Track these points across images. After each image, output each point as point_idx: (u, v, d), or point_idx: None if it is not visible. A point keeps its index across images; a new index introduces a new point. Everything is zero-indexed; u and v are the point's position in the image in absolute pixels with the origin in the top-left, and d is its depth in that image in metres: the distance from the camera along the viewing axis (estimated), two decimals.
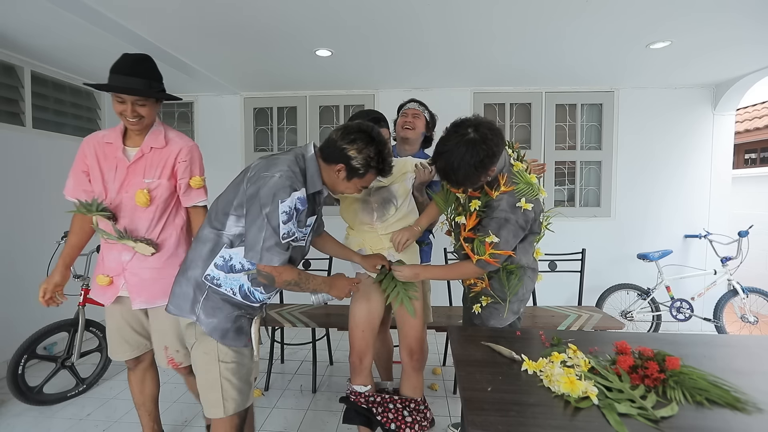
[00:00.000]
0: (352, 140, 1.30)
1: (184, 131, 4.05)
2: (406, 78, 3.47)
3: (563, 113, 3.81)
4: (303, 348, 3.12)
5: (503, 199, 1.43)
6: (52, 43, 2.67)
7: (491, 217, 1.43)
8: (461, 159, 1.31)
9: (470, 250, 1.47)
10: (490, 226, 1.42)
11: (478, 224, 1.48)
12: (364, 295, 1.68)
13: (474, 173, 1.33)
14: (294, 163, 1.27)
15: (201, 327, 1.30)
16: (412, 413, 1.67)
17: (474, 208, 1.48)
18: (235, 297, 1.31)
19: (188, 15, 2.29)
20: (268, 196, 1.20)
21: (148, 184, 1.55)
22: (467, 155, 1.30)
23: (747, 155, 7.53)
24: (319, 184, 1.34)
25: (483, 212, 1.47)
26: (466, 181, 1.37)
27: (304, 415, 2.29)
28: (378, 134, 1.35)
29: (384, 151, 1.34)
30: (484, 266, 1.45)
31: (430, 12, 2.26)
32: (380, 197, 1.69)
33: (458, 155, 1.32)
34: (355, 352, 1.69)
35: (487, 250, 1.41)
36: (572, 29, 2.48)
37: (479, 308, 1.60)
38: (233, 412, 1.33)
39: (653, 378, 0.97)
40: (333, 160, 1.32)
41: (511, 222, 1.41)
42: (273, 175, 1.21)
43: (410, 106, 2.06)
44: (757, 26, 2.40)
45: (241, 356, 1.34)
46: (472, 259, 1.45)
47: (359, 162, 1.31)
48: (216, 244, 1.30)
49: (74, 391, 2.46)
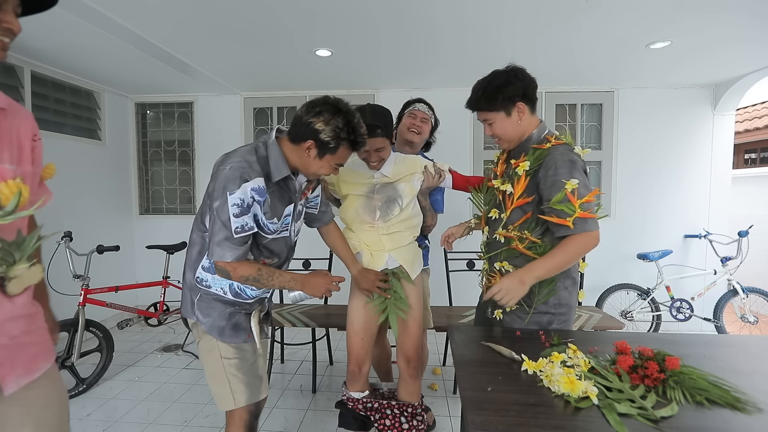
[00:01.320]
0: (318, 113, 1.23)
1: (184, 131, 4.09)
2: (406, 78, 3.47)
3: (563, 113, 3.81)
4: (303, 348, 3.12)
5: (557, 149, 1.28)
6: (52, 43, 2.67)
7: (554, 166, 1.25)
8: (486, 79, 1.35)
9: (553, 217, 1.25)
10: (559, 175, 1.23)
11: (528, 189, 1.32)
12: (361, 300, 1.64)
13: (490, 91, 1.33)
14: (250, 152, 1.23)
15: (201, 326, 1.32)
16: (410, 419, 1.64)
17: (523, 170, 1.32)
18: (226, 296, 1.31)
19: (188, 15, 2.29)
20: (218, 190, 1.17)
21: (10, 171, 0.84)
22: (491, 76, 1.35)
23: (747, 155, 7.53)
24: (285, 169, 1.26)
25: (534, 173, 1.30)
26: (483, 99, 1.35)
27: (304, 415, 2.29)
28: (346, 105, 1.28)
29: (353, 121, 1.27)
30: (584, 226, 1.23)
31: (430, 12, 2.26)
32: (385, 195, 1.62)
33: (486, 78, 1.37)
34: (354, 359, 1.65)
35: (573, 202, 1.21)
36: (572, 29, 2.48)
37: (501, 314, 1.42)
38: (244, 403, 1.33)
39: (653, 378, 0.97)
40: (301, 137, 1.25)
41: (578, 163, 1.26)
42: (224, 168, 1.18)
43: (419, 107, 1.95)
44: (757, 26, 2.40)
45: (243, 352, 1.33)
46: (565, 224, 1.23)
47: (328, 134, 1.23)
48: (202, 246, 1.29)
49: (74, 391, 2.46)
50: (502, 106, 1.34)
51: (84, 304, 2.48)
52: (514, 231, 1.34)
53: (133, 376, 2.76)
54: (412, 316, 1.64)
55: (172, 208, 4.16)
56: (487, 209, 1.53)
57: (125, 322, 3.13)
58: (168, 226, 4.04)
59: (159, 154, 4.16)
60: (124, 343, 3.32)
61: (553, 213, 1.25)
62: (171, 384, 2.65)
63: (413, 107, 1.96)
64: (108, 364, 2.66)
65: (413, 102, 1.99)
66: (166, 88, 3.79)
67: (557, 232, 1.27)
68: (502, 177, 1.45)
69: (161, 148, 4.15)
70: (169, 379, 2.71)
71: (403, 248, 1.64)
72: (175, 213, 4.14)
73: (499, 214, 1.42)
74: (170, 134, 4.13)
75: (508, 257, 1.39)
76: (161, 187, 4.17)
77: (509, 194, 1.37)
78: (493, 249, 1.44)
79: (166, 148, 4.15)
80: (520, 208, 1.34)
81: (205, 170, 4.05)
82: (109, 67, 3.15)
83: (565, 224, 1.23)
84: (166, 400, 2.45)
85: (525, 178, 1.32)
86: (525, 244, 1.33)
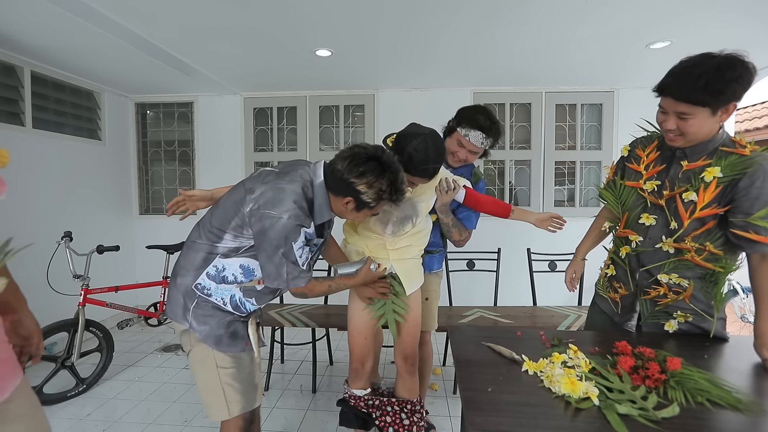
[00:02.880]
0: (361, 173, 1.20)
1: (184, 131, 4.09)
2: (406, 78, 3.47)
3: (563, 113, 3.81)
4: (303, 348, 3.12)
5: (762, 155, 1.13)
6: (52, 43, 2.67)
7: (763, 178, 1.10)
8: (710, 67, 1.07)
9: (751, 233, 1.11)
10: (767, 188, 1.10)
11: (719, 200, 1.16)
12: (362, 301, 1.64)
13: (719, 86, 1.06)
14: (301, 198, 1.20)
15: (195, 334, 1.27)
16: (410, 415, 1.66)
17: (713, 176, 1.16)
18: (225, 307, 1.29)
19: (188, 15, 2.29)
20: (280, 239, 1.17)
21: None
22: (720, 67, 1.07)
23: None
24: (327, 214, 1.29)
25: (731, 182, 1.15)
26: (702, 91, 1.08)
27: (304, 415, 2.29)
28: (389, 160, 1.24)
29: (397, 181, 1.25)
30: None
31: (430, 12, 2.26)
32: (403, 213, 1.58)
33: (708, 65, 1.08)
34: (357, 357, 1.66)
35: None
36: (572, 29, 2.48)
37: (673, 326, 1.29)
38: (239, 413, 1.30)
39: (654, 379, 0.97)
40: (341, 192, 1.24)
41: None
42: (281, 217, 1.16)
43: (473, 140, 1.67)
44: (757, 26, 2.40)
45: (240, 360, 1.30)
46: (764, 241, 1.10)
47: (370, 197, 1.22)
48: (210, 252, 1.26)
49: (74, 391, 2.46)
50: (717, 102, 1.10)
51: (84, 304, 2.47)
52: (691, 242, 1.21)
53: (133, 376, 2.76)
54: (411, 314, 1.64)
55: None
56: (635, 213, 1.34)
57: (125, 322, 3.13)
58: (168, 226, 4.03)
59: (159, 154, 4.15)
60: (124, 343, 3.32)
61: (750, 228, 1.12)
62: (171, 384, 2.65)
63: (466, 135, 1.67)
64: (108, 364, 2.66)
65: (470, 125, 1.67)
66: (166, 88, 3.79)
67: (749, 248, 1.16)
68: (658, 177, 1.28)
69: (161, 148, 4.15)
70: (169, 379, 2.71)
71: (405, 261, 1.62)
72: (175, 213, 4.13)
73: (656, 220, 1.28)
74: (170, 134, 4.13)
75: (676, 268, 1.26)
76: (161, 187, 4.17)
77: (688, 202, 1.20)
78: (655, 259, 1.29)
79: (166, 148, 4.14)
80: (698, 218, 1.20)
81: (205, 170, 4.05)
82: (109, 67, 3.15)
83: (764, 242, 1.11)
84: (166, 400, 2.44)
85: (716, 186, 1.16)
86: (703, 255, 1.21)
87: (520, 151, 3.83)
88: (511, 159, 3.84)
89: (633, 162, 1.39)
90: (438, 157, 1.43)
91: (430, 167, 1.42)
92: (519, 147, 3.84)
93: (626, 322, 1.43)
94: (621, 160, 1.47)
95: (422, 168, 1.41)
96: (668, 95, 1.15)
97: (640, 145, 1.39)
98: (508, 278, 3.10)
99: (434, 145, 1.41)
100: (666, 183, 1.26)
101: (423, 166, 1.40)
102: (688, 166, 1.21)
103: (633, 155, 1.40)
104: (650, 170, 1.31)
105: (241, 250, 1.25)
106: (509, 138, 3.83)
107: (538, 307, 2.72)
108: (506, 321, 2.42)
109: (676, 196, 1.23)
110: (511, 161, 3.85)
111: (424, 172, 1.43)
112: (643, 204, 1.32)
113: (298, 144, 3.97)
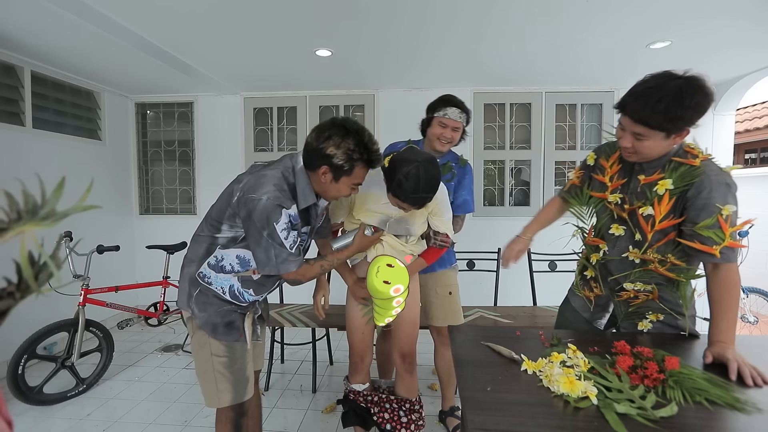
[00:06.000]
0: (327, 137, 1.24)
1: (184, 131, 4.09)
2: (406, 78, 3.47)
3: (563, 113, 3.81)
4: (303, 348, 3.12)
5: (711, 168, 1.14)
6: (52, 43, 2.67)
7: (709, 188, 1.12)
8: (672, 98, 1.05)
9: (696, 243, 1.14)
10: (713, 198, 1.11)
11: (674, 211, 1.19)
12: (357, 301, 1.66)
13: (679, 111, 1.05)
14: (281, 181, 1.25)
15: (196, 320, 1.34)
16: (408, 414, 1.68)
17: (665, 189, 1.17)
18: (224, 296, 1.34)
19: (188, 15, 2.29)
20: (263, 220, 1.21)
21: None
22: (680, 95, 1.04)
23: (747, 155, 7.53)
24: (311, 197, 1.31)
25: (679, 192, 1.17)
26: (669, 124, 1.07)
27: (304, 415, 2.29)
28: (354, 123, 1.26)
29: (364, 139, 1.26)
30: (731, 256, 1.12)
31: (430, 12, 2.26)
32: (395, 231, 1.57)
33: (669, 88, 1.05)
34: (356, 352, 1.69)
35: (724, 229, 1.10)
36: (572, 29, 2.48)
37: (647, 326, 1.33)
38: (228, 403, 1.36)
39: (653, 378, 0.97)
40: (315, 164, 1.27)
41: (732, 188, 1.13)
42: (260, 198, 1.20)
43: (450, 115, 1.75)
44: (756, 27, 2.41)
45: (233, 351, 1.35)
46: (711, 252, 1.12)
47: (341, 158, 1.24)
48: (211, 244, 1.32)
49: (74, 391, 2.46)
50: (674, 128, 1.10)
51: (84, 304, 2.48)
52: (654, 254, 1.24)
53: (133, 376, 2.76)
54: (407, 314, 1.65)
55: (172, 208, 4.16)
56: (603, 223, 1.36)
57: (125, 322, 3.13)
58: (168, 226, 4.04)
59: (159, 154, 4.16)
60: (124, 343, 3.32)
61: (696, 238, 1.14)
62: (171, 384, 2.65)
63: (444, 114, 1.75)
64: (108, 364, 2.67)
65: (444, 105, 1.77)
66: (166, 88, 3.80)
67: (698, 258, 1.18)
68: (621, 190, 1.30)
69: (161, 148, 4.15)
70: (169, 379, 2.71)
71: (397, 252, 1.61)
72: (175, 213, 4.14)
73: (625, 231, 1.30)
74: (170, 134, 4.13)
75: (640, 277, 1.29)
76: (161, 187, 4.17)
77: (647, 216, 1.22)
78: (621, 269, 1.33)
79: (166, 148, 4.15)
80: (660, 230, 1.22)
81: (205, 170, 4.05)
82: (109, 67, 3.15)
83: (710, 252, 1.12)
84: (166, 400, 2.45)
85: (669, 198, 1.18)
86: (666, 266, 1.24)
87: (520, 151, 3.83)
88: (511, 159, 3.84)
89: (598, 172, 1.39)
90: (429, 186, 1.38)
91: (420, 196, 1.38)
92: (519, 147, 3.84)
93: (597, 320, 1.46)
94: (587, 168, 1.46)
95: (411, 197, 1.37)
96: (627, 114, 1.15)
97: (604, 155, 1.39)
98: (508, 278, 3.10)
99: (426, 174, 1.36)
100: (626, 198, 1.28)
101: (412, 195, 1.37)
102: (645, 180, 1.24)
103: (598, 165, 1.40)
104: (614, 182, 1.33)
105: (238, 240, 1.30)
106: (509, 138, 3.83)
107: (538, 307, 2.72)
108: (506, 321, 2.42)
109: (636, 210, 1.25)
110: (511, 161, 3.85)
111: (414, 201, 1.39)
112: (611, 214, 1.34)
113: (298, 144, 3.98)
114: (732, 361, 1.04)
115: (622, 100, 1.16)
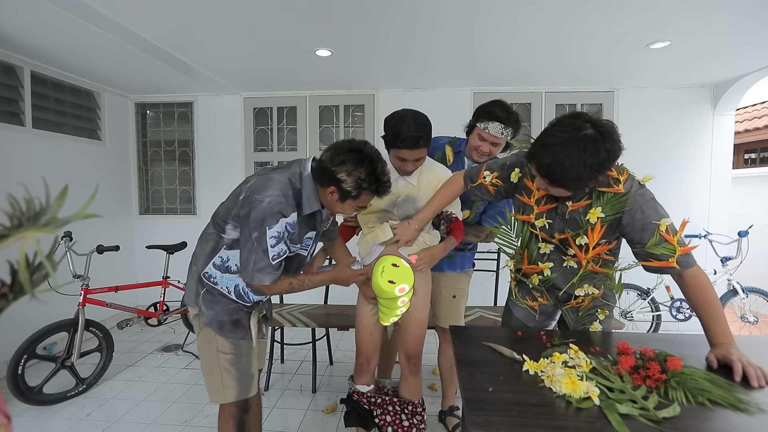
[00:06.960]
0: (341, 162, 1.25)
1: (184, 131, 4.09)
2: (406, 78, 3.46)
3: (563, 113, 3.80)
4: (303, 348, 3.12)
5: (630, 186, 1.20)
6: (52, 43, 2.67)
7: (640, 210, 1.18)
8: (576, 157, 1.05)
9: (652, 261, 1.19)
10: (648, 218, 1.17)
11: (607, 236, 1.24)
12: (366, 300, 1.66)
13: (588, 175, 1.07)
14: (287, 186, 1.25)
15: (203, 318, 1.36)
16: (410, 417, 1.67)
17: (596, 217, 1.21)
18: (229, 295, 1.37)
19: (188, 15, 2.29)
20: (257, 221, 1.21)
21: None
22: (584, 154, 1.05)
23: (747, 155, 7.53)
24: (316, 204, 1.31)
25: (611, 218, 1.21)
26: (573, 184, 1.10)
27: (304, 415, 2.29)
28: (371, 151, 1.28)
29: (377, 170, 1.27)
30: (688, 261, 1.16)
31: (430, 12, 2.26)
32: (404, 213, 1.59)
33: (573, 152, 1.05)
34: (363, 354, 1.68)
35: (671, 241, 1.15)
36: (572, 29, 2.48)
37: (597, 328, 1.39)
38: (233, 399, 1.38)
39: (655, 378, 0.97)
40: (324, 182, 1.29)
41: (654, 197, 1.20)
42: (263, 200, 1.21)
43: (492, 131, 1.68)
44: (757, 27, 2.40)
45: (239, 348, 1.38)
46: (670, 266, 1.16)
47: (350, 185, 1.26)
48: (217, 243, 1.35)
49: (74, 391, 2.46)
50: (587, 188, 1.18)
51: (84, 304, 2.47)
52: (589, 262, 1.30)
53: (133, 376, 2.76)
54: (414, 315, 1.64)
55: (172, 208, 4.16)
56: (533, 249, 1.38)
57: (125, 322, 3.13)
58: (168, 226, 4.04)
59: (159, 154, 4.15)
60: (124, 343, 3.32)
61: (650, 257, 1.19)
62: (171, 384, 2.65)
63: (485, 127, 1.70)
64: (108, 364, 2.66)
65: (487, 118, 1.70)
66: (166, 88, 3.79)
67: (660, 273, 1.22)
68: (547, 215, 1.31)
69: (161, 148, 4.15)
70: (169, 379, 2.71)
71: None
72: (175, 213, 4.14)
73: (554, 246, 1.34)
74: (170, 134, 4.13)
75: (584, 280, 1.33)
76: (161, 187, 4.17)
77: (581, 245, 1.27)
78: (566, 280, 1.36)
79: (166, 148, 4.14)
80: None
81: (205, 170, 4.05)
82: (109, 67, 3.15)
83: (669, 266, 1.16)
84: (166, 400, 2.44)
85: (601, 226, 1.22)
86: (599, 263, 1.31)
87: None
88: None
89: (523, 194, 1.37)
90: (419, 127, 1.46)
91: (413, 135, 1.44)
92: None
93: (544, 329, 1.48)
94: (508, 183, 1.42)
95: (405, 137, 1.44)
96: (544, 177, 1.14)
97: (528, 175, 1.35)
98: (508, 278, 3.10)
99: (414, 117, 1.47)
100: (555, 223, 1.30)
101: (406, 135, 1.44)
102: (573, 207, 1.26)
103: (522, 185, 1.37)
104: (541, 206, 1.32)
105: None
106: None
107: None
108: None
109: (569, 238, 1.28)
110: None
111: (408, 141, 1.45)
112: (536, 237, 1.36)
113: (298, 144, 3.97)
114: (736, 362, 1.04)
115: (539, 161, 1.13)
